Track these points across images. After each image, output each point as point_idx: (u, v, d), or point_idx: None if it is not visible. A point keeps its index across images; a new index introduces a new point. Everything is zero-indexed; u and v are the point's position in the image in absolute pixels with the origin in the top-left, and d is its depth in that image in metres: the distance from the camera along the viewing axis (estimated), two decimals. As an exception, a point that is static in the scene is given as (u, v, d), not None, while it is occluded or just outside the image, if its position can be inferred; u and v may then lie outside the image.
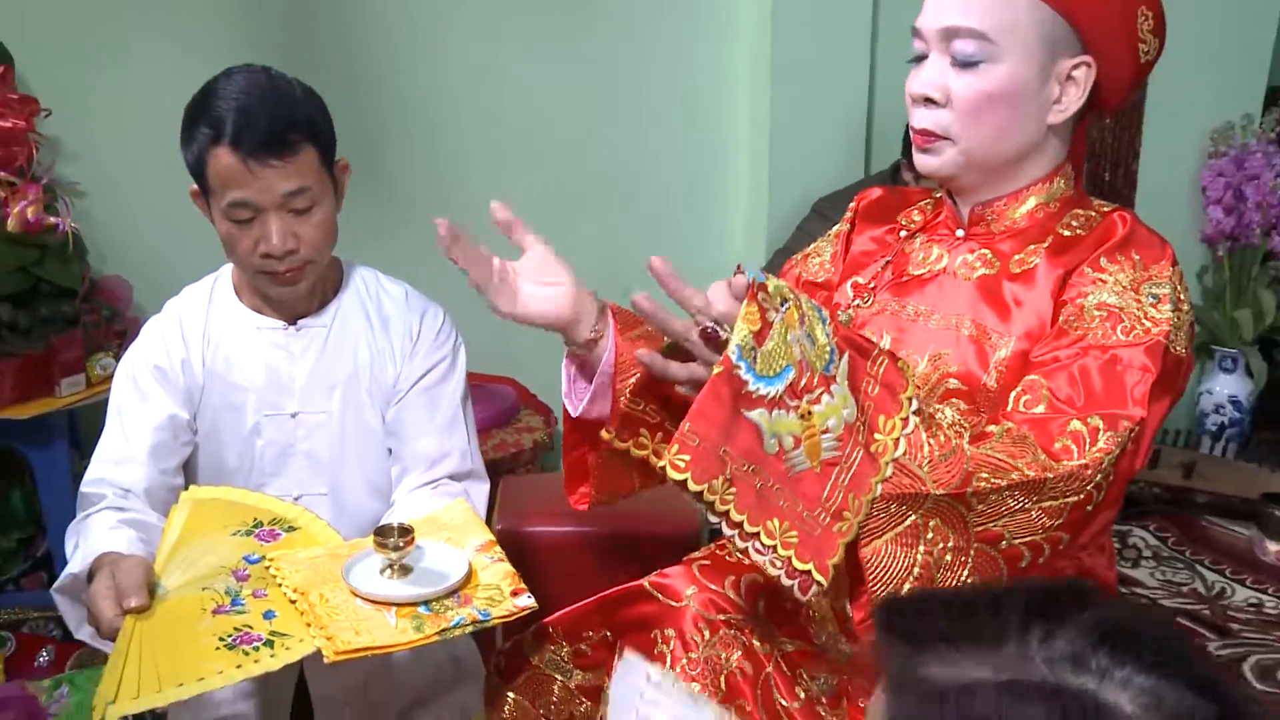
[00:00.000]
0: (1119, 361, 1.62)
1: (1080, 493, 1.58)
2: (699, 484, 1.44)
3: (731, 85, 3.60)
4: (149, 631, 1.66)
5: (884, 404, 1.55)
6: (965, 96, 1.70)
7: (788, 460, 1.49)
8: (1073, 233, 1.75)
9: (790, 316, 1.50)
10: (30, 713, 2.57)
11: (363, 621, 1.71)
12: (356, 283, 2.24)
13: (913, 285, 1.87)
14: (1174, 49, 2.83)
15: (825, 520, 1.50)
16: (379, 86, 3.22)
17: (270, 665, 1.62)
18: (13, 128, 2.76)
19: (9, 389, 2.76)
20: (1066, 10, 1.67)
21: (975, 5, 1.68)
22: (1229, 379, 3.79)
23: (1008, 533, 1.59)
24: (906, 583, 1.54)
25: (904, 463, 1.53)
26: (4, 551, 2.95)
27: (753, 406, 1.46)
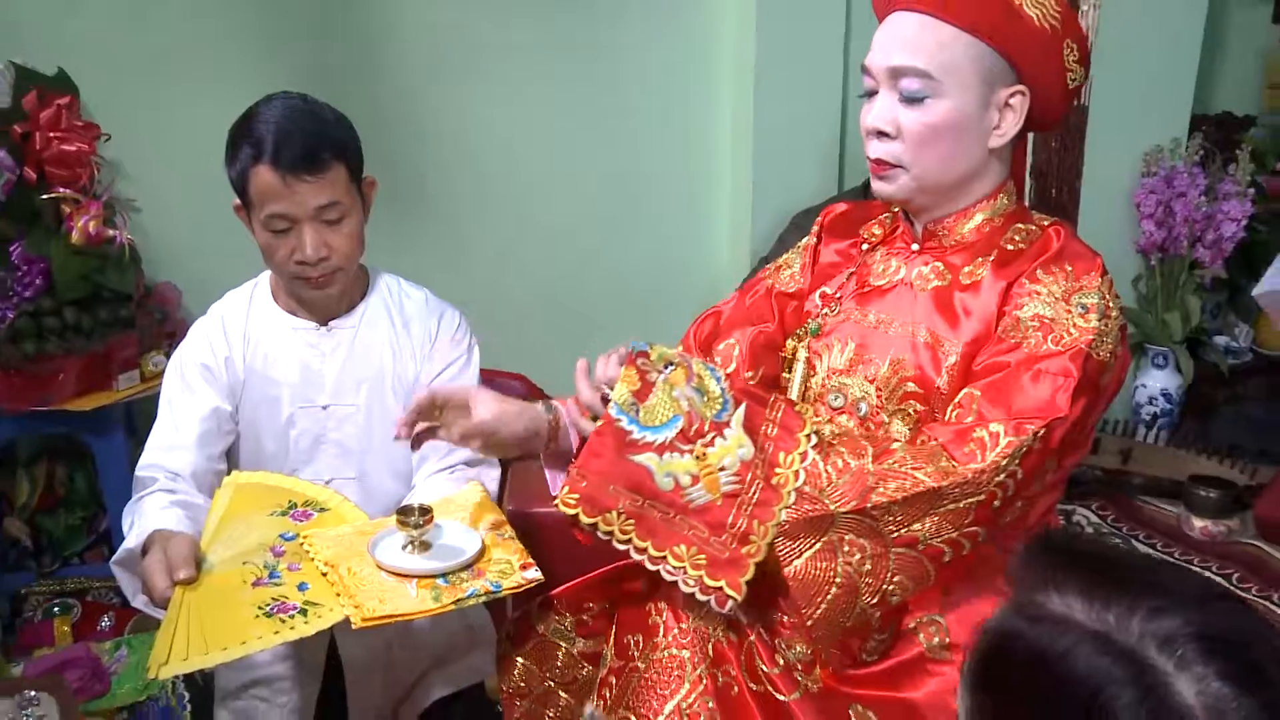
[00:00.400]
0: (1043, 370, 1.62)
1: (982, 493, 1.59)
2: (590, 517, 1.58)
3: (718, 111, 3.58)
4: (196, 601, 1.66)
5: (783, 442, 1.62)
6: (914, 129, 1.69)
7: (685, 495, 1.58)
8: (1015, 246, 1.74)
9: (675, 376, 1.62)
10: (94, 671, 2.55)
11: (386, 592, 1.71)
12: (381, 288, 2.22)
13: (874, 295, 1.85)
14: (1113, 82, 2.84)
15: (732, 544, 1.57)
16: (404, 113, 3.20)
17: (304, 632, 1.62)
18: (77, 151, 2.74)
19: (72, 384, 2.75)
20: (1001, 47, 1.67)
21: (918, 46, 1.67)
22: (1161, 374, 3.78)
23: (922, 535, 1.60)
24: (829, 592, 1.59)
25: (805, 490, 1.58)
26: (69, 529, 2.93)
27: (639, 451, 1.58)
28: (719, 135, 3.59)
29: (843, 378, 1.85)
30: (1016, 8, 1.65)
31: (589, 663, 1.89)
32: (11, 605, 2.80)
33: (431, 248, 3.21)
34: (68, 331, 2.74)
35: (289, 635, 1.63)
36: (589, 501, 1.58)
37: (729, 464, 1.59)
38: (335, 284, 2.08)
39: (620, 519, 1.57)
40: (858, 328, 1.84)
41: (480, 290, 2.59)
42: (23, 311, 2.70)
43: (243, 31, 3.05)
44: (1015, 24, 1.66)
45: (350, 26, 3.15)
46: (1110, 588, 0.91)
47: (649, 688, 1.69)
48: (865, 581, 1.60)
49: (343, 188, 2.02)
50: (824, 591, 1.59)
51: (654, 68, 3.49)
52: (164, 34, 2.99)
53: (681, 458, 1.58)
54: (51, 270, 2.71)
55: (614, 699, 1.73)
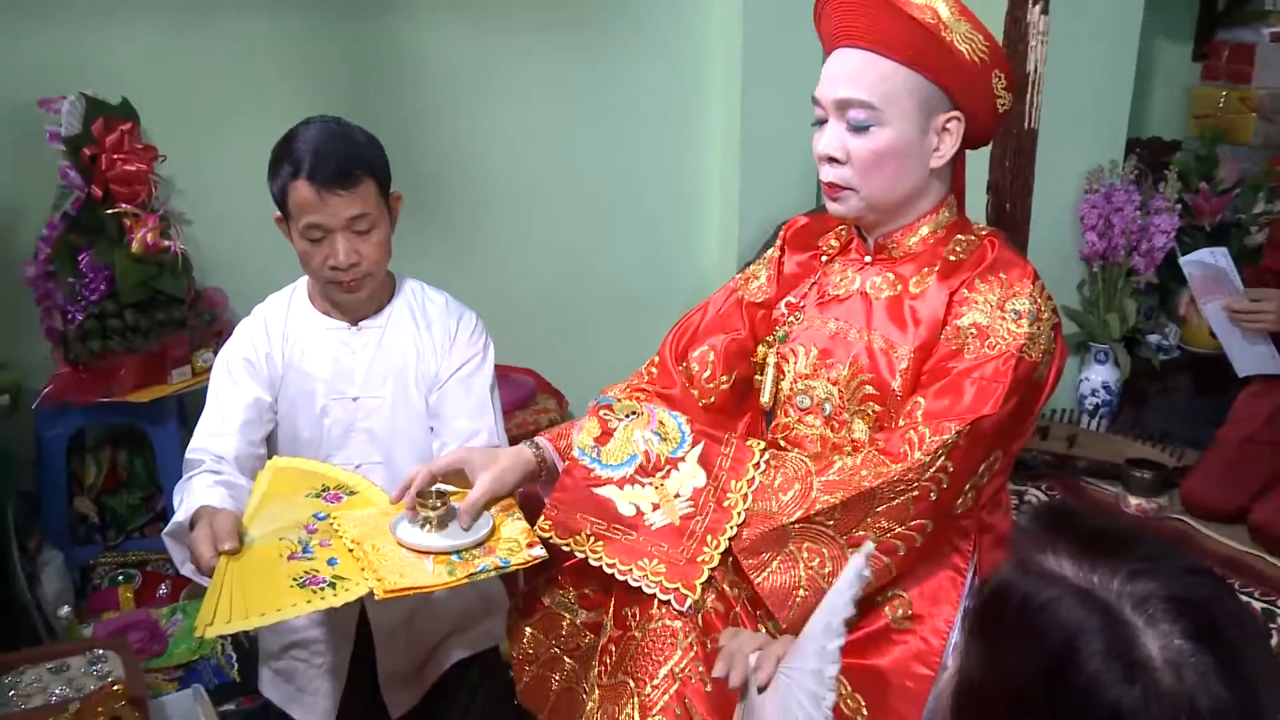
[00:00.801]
0: (979, 377, 1.62)
1: (915, 489, 1.59)
2: (563, 539, 1.69)
3: (708, 128, 3.56)
4: (238, 570, 1.65)
5: (734, 472, 1.69)
6: (861, 155, 1.68)
7: (647, 519, 1.67)
8: (957, 257, 1.73)
9: (634, 424, 1.74)
10: (153, 633, 2.55)
11: (406, 567, 1.70)
12: (406, 292, 2.18)
13: (833, 303, 1.83)
14: (1058, 110, 2.82)
15: (688, 555, 1.64)
16: (427, 135, 3.18)
17: (333, 602, 1.62)
18: (137, 171, 2.72)
19: (132, 378, 2.73)
20: (937, 79, 1.65)
21: (862, 80, 1.66)
22: (1102, 369, 3.76)
23: (872, 533, 1.61)
24: (798, 595, 1.62)
25: (755, 510, 1.65)
26: (131, 507, 2.90)
27: (602, 485, 1.69)
28: (708, 150, 3.57)
29: (808, 381, 1.84)
30: (949, 44, 1.63)
31: (591, 632, 1.86)
32: (82, 574, 2.77)
33: (450, 255, 3.19)
34: (128, 332, 2.71)
35: (319, 605, 1.63)
36: (560, 526, 1.68)
37: (683, 491, 1.67)
38: (364, 288, 2.05)
39: (589, 540, 1.67)
40: (820, 333, 1.83)
41: (493, 294, 2.58)
42: (89, 314, 2.68)
43: (284, 63, 3.03)
44: (948, 58, 1.64)
45: (380, 59, 3.13)
46: (1100, 553, 0.92)
47: (645, 654, 1.66)
48: (828, 582, 1.60)
49: (372, 201, 1.99)
50: (793, 596, 1.62)
51: (649, 91, 3.46)
52: (214, 66, 2.98)
53: (642, 489, 1.68)
54: (114, 277, 2.68)
55: (614, 664, 1.70)
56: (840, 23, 1.70)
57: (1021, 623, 0.92)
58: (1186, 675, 0.85)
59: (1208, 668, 0.85)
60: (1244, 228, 3.84)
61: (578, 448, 1.72)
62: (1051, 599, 0.90)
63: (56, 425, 2.77)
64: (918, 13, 1.62)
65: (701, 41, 3.46)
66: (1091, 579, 0.90)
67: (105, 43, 2.84)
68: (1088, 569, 0.91)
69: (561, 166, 3.40)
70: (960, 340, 1.66)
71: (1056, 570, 0.92)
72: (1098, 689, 0.86)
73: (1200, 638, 0.86)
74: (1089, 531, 0.96)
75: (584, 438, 1.72)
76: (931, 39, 1.62)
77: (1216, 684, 0.85)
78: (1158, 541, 0.97)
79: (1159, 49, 4.05)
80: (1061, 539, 0.95)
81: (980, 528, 1.78)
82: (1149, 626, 0.87)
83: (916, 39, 1.63)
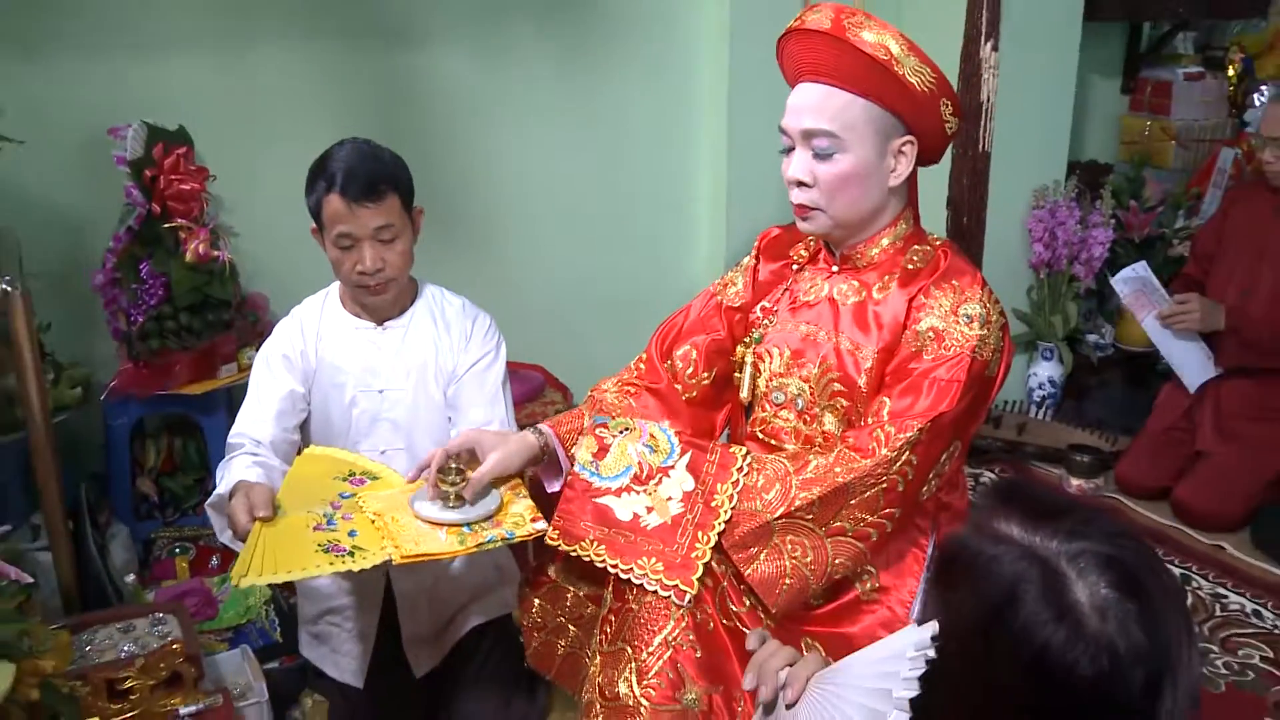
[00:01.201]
0: (937, 378, 1.60)
1: (885, 481, 1.57)
2: (569, 546, 1.66)
3: (697, 146, 3.51)
4: (270, 535, 1.65)
5: (720, 475, 1.66)
6: (827, 179, 1.66)
7: (643, 521, 1.64)
8: (914, 265, 1.71)
9: (628, 440, 1.71)
10: (206, 599, 2.51)
11: (421, 537, 1.70)
12: (427, 295, 2.15)
13: (804, 308, 1.80)
14: (1008, 135, 2.79)
15: (682, 551, 1.61)
16: (446, 154, 3.15)
17: (350, 567, 1.62)
18: (191, 189, 2.69)
19: (186, 373, 2.71)
20: (891, 108, 1.63)
21: (824, 111, 1.64)
22: (1047, 364, 3.74)
23: (848, 524, 1.59)
24: (785, 584, 1.59)
25: (740, 508, 1.62)
26: (185, 488, 2.87)
27: (601, 495, 1.67)
28: (698, 167, 3.52)
29: (783, 379, 1.81)
30: (900, 77, 1.60)
31: (592, 603, 1.82)
32: (145, 547, 2.74)
33: (466, 263, 3.13)
34: (182, 332, 2.68)
35: (339, 568, 1.63)
36: (566, 534, 1.67)
37: (674, 495, 1.65)
38: (389, 291, 2.02)
39: (593, 545, 1.64)
40: (792, 336, 1.81)
41: (505, 297, 2.56)
42: (149, 316, 2.65)
43: (320, 92, 3.00)
44: (901, 89, 1.61)
45: (404, 86, 3.10)
46: (1044, 518, 0.95)
47: (641, 624, 1.63)
48: (811, 570, 1.60)
49: (396, 213, 1.97)
50: (780, 584, 1.60)
51: (643, 113, 3.42)
52: (258, 96, 2.96)
53: (637, 496, 1.66)
54: (170, 283, 2.65)
55: (613, 633, 1.67)
56: (803, 59, 1.69)
57: (973, 572, 0.95)
58: (1109, 619, 0.88)
59: (1128, 614, 0.88)
60: (1167, 240, 3.86)
61: (579, 464, 1.70)
62: (999, 553, 0.93)
63: (121, 415, 2.75)
64: (872, 50, 1.60)
65: (691, 68, 3.42)
66: (1034, 539, 0.93)
67: (164, 77, 2.85)
68: (1031, 531, 0.94)
69: (565, 182, 3.36)
70: (919, 343, 1.64)
71: (1006, 531, 0.95)
72: (1033, 628, 0.89)
73: (1123, 588, 0.89)
74: (1034, 501, 0.98)
75: (583, 454, 1.71)
76: (885, 73, 1.60)
77: (1135, 629, 0.88)
78: (1092, 510, 0.99)
79: (1093, 84, 4.05)
80: (1011, 507, 0.97)
81: (939, 507, 1.77)
82: (1080, 577, 0.89)
83: (872, 73, 1.61)
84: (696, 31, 3.38)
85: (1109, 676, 0.87)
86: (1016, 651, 0.89)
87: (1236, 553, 2.96)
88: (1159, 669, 0.88)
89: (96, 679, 1.76)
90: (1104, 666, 0.87)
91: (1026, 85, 3.32)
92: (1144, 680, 0.88)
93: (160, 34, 2.83)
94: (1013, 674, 0.90)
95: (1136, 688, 0.88)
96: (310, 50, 2.98)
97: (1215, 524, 3.05)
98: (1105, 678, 0.87)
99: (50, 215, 2.77)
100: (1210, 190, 3.96)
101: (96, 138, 2.70)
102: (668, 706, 1.59)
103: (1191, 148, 4.03)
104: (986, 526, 0.97)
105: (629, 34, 3.31)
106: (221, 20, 2.88)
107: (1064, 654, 0.87)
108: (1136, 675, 0.87)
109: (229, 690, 1.92)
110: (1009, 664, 0.90)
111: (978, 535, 0.97)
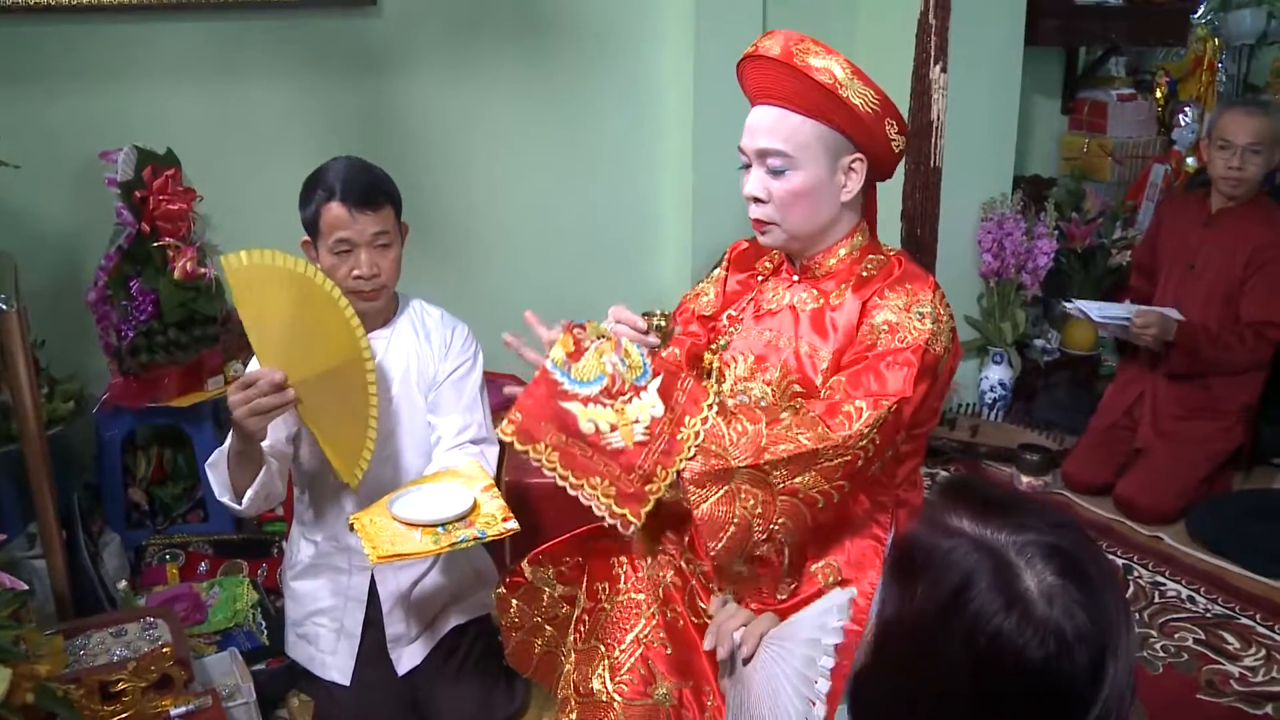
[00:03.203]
0: (893, 361, 1.59)
1: (848, 455, 1.55)
2: (523, 445, 1.53)
3: (664, 166, 3.51)
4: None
5: (689, 408, 1.57)
6: (781, 196, 1.66)
7: (604, 439, 1.53)
8: (869, 273, 1.71)
9: (604, 346, 1.56)
10: (195, 604, 2.46)
11: (398, 537, 1.70)
12: (409, 307, 2.15)
13: (767, 316, 1.80)
14: (958, 151, 2.81)
15: (637, 481, 1.53)
16: (426, 174, 3.14)
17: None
18: (179, 209, 2.66)
19: (175, 386, 2.68)
20: (839, 128, 1.64)
21: (777, 132, 1.65)
22: (998, 369, 3.75)
23: (802, 486, 1.55)
24: (729, 530, 1.54)
25: (706, 446, 1.54)
26: (175, 497, 2.83)
27: (568, 400, 1.54)
28: (665, 186, 3.51)
29: (747, 383, 1.80)
30: (845, 99, 1.61)
31: (567, 604, 1.82)
32: (136, 554, 2.69)
33: (446, 277, 3.12)
34: (171, 346, 2.65)
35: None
36: (522, 432, 1.54)
37: (642, 419, 1.54)
38: (380, 298, 2.03)
39: (547, 450, 1.53)
40: (756, 343, 1.80)
41: (482, 310, 2.54)
42: (139, 332, 2.62)
43: (303, 115, 2.99)
44: (846, 111, 1.62)
45: (385, 110, 3.10)
46: (993, 512, 0.95)
47: (614, 623, 1.63)
48: (756, 522, 1.55)
49: (390, 222, 1.99)
50: (725, 529, 1.54)
51: (612, 134, 3.42)
52: (243, 119, 2.95)
53: (603, 409, 1.54)
54: (159, 300, 2.62)
55: (587, 632, 1.67)
56: (757, 83, 1.70)
57: (928, 565, 0.94)
58: (1056, 604, 0.89)
59: (1073, 599, 0.89)
60: (1107, 250, 3.90)
61: (550, 361, 1.56)
62: (952, 546, 0.94)
63: (113, 426, 2.72)
64: (818, 74, 1.61)
65: (658, 92, 3.42)
66: (984, 532, 0.93)
67: (153, 102, 2.84)
68: (981, 524, 0.94)
69: (538, 200, 3.36)
70: (874, 335, 1.64)
71: (957, 526, 0.95)
72: (986, 616, 0.89)
73: (1067, 575, 0.90)
74: (983, 497, 0.99)
75: (558, 352, 1.57)
76: (831, 96, 1.61)
77: (1079, 612, 0.89)
78: (1037, 504, 1.00)
79: (1035, 103, 4.09)
80: (961, 503, 0.97)
81: (897, 503, 1.77)
82: (1028, 567, 0.90)
83: (819, 96, 1.62)
84: (663, 57, 3.39)
85: (1056, 658, 0.88)
86: (970, 638, 0.90)
87: (1174, 543, 2.99)
88: (1101, 650, 0.90)
89: (90, 682, 1.74)
90: (1051, 649, 0.88)
91: (974, 105, 3.35)
92: (1089, 661, 0.89)
93: (151, 63, 2.83)
94: (966, 660, 0.90)
95: (1081, 668, 0.89)
96: (293, 76, 2.97)
97: (1154, 517, 3.08)
98: (1053, 659, 0.88)
99: (44, 235, 2.76)
100: (1144, 203, 4.03)
101: (89, 161, 2.69)
102: (640, 702, 1.58)
103: (1126, 163, 4.10)
104: (939, 522, 0.97)
105: (599, 60, 3.32)
106: (209, 50, 2.87)
107: (1014, 639, 0.88)
108: (1081, 656, 0.89)
109: (218, 691, 1.91)
110: (963, 651, 0.90)
111: (931, 531, 0.97)
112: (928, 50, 2.45)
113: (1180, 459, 3.12)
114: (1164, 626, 2.62)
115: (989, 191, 3.66)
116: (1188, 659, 2.49)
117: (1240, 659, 2.49)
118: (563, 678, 1.72)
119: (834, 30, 3.46)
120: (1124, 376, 3.39)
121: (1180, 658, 2.49)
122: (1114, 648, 0.91)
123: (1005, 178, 3.73)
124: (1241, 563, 2.85)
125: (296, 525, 2.20)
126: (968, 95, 3.15)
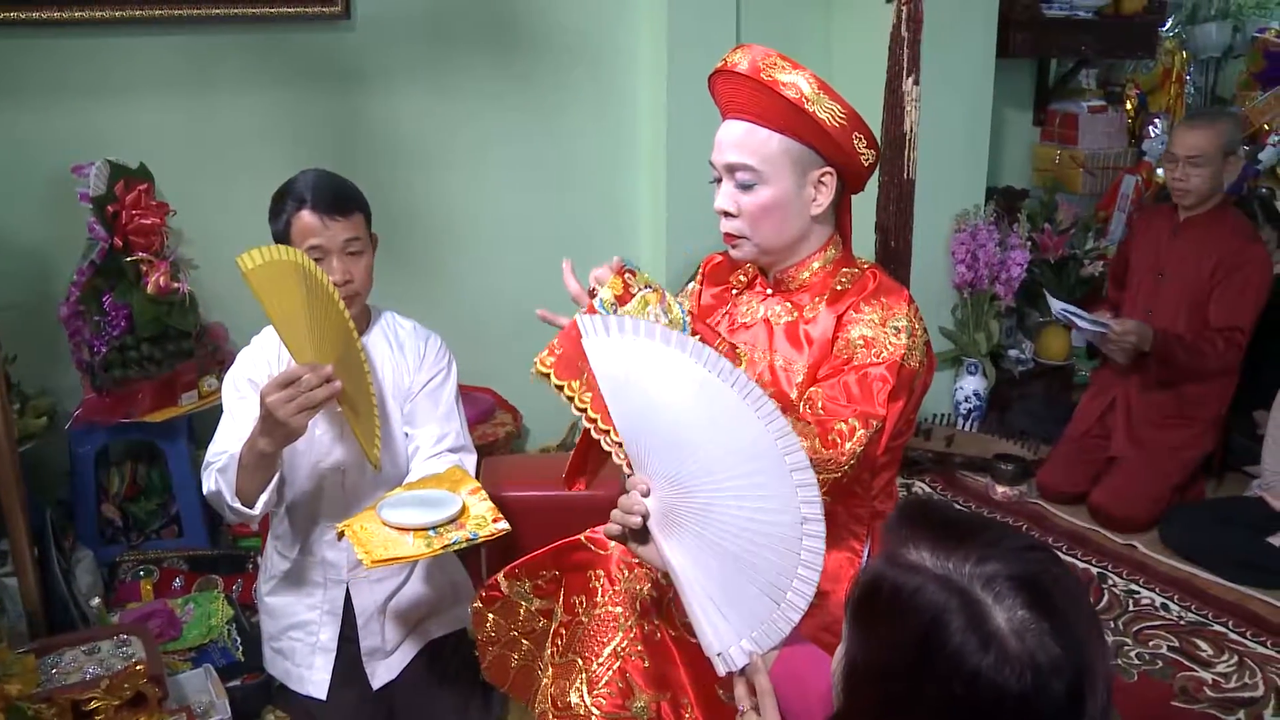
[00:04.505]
0: (869, 376, 1.59)
1: (837, 472, 1.55)
2: (560, 380, 1.50)
3: (637, 178, 3.51)
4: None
5: None
6: (750, 210, 1.67)
7: None
8: (843, 286, 1.71)
9: (650, 296, 1.57)
10: (169, 620, 2.45)
11: (390, 541, 1.71)
12: (382, 320, 2.14)
13: (741, 329, 1.80)
14: (932, 163, 2.82)
15: None
16: (399, 187, 3.14)
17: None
18: (152, 224, 2.65)
19: (149, 401, 2.65)
20: (806, 142, 1.65)
21: (746, 147, 1.66)
22: (972, 379, 3.77)
23: None
24: None
25: None
26: (149, 512, 2.81)
27: None
28: (639, 198, 3.52)
29: None
30: (812, 114, 1.62)
31: (544, 618, 1.81)
32: (109, 570, 2.68)
33: (419, 290, 3.11)
34: (144, 361, 2.63)
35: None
36: (562, 364, 1.51)
37: None
38: (354, 306, 2.00)
39: (580, 389, 1.50)
40: (731, 354, 1.76)
41: (456, 323, 2.55)
42: (112, 347, 2.60)
43: (275, 131, 2.99)
44: (814, 125, 1.63)
45: (357, 124, 3.10)
46: (952, 542, 0.94)
47: (591, 636, 1.63)
48: None
49: (361, 229, 2.00)
50: None
51: (586, 146, 3.42)
52: (216, 135, 2.95)
53: None
54: (132, 315, 2.61)
55: (564, 645, 1.67)
56: (727, 98, 1.71)
57: (893, 608, 0.94)
58: (1027, 639, 0.89)
59: (1043, 631, 0.89)
60: (1079, 260, 3.93)
61: (599, 300, 1.58)
62: (916, 586, 0.92)
63: (86, 442, 2.70)
64: (785, 90, 1.62)
65: (632, 107, 3.42)
66: (947, 566, 0.93)
67: (126, 117, 2.83)
68: (943, 557, 0.93)
69: (512, 212, 3.36)
70: (850, 350, 1.64)
71: (918, 561, 0.94)
72: (962, 658, 0.89)
73: (1035, 607, 0.90)
74: (941, 523, 0.98)
75: (607, 294, 1.58)
76: (798, 111, 1.62)
77: (1051, 643, 0.89)
78: (997, 526, 1.00)
79: (1007, 115, 4.11)
80: (919, 533, 0.96)
81: (873, 515, 1.77)
82: (996, 602, 0.90)
83: (786, 111, 1.63)
84: (637, 69, 3.40)
85: (1033, 691, 0.89)
86: (946, 682, 0.89)
87: (1148, 551, 3.01)
88: (1078, 674, 0.90)
89: (62, 701, 1.73)
90: (1028, 683, 0.88)
91: (946, 117, 3.37)
92: (1065, 689, 0.89)
93: (123, 78, 2.82)
94: (944, 703, 0.90)
95: (1059, 697, 0.89)
96: (266, 91, 2.97)
97: (1128, 525, 3.11)
98: (1030, 692, 0.88)
99: (16, 250, 2.74)
100: (1116, 214, 4.08)
101: (61, 176, 2.67)
102: (618, 715, 1.58)
103: (1098, 174, 4.14)
104: (898, 557, 0.96)
105: (573, 73, 3.32)
106: (182, 64, 2.87)
107: (993, 678, 0.88)
108: (1057, 686, 0.89)
109: (192, 709, 1.90)
110: (940, 694, 0.90)
111: (892, 567, 0.96)
112: (900, 63, 2.47)
113: (1153, 466, 3.15)
114: (1138, 634, 2.64)
115: (962, 203, 3.68)
116: (1162, 666, 2.51)
117: (1213, 665, 2.51)
118: (540, 691, 1.71)
119: (807, 43, 3.48)
120: (1097, 384, 3.43)
121: (1155, 665, 2.51)
122: (1089, 669, 0.91)
123: (978, 189, 3.75)
124: (1214, 570, 2.88)
125: (271, 539, 2.18)
126: (941, 107, 3.18)
